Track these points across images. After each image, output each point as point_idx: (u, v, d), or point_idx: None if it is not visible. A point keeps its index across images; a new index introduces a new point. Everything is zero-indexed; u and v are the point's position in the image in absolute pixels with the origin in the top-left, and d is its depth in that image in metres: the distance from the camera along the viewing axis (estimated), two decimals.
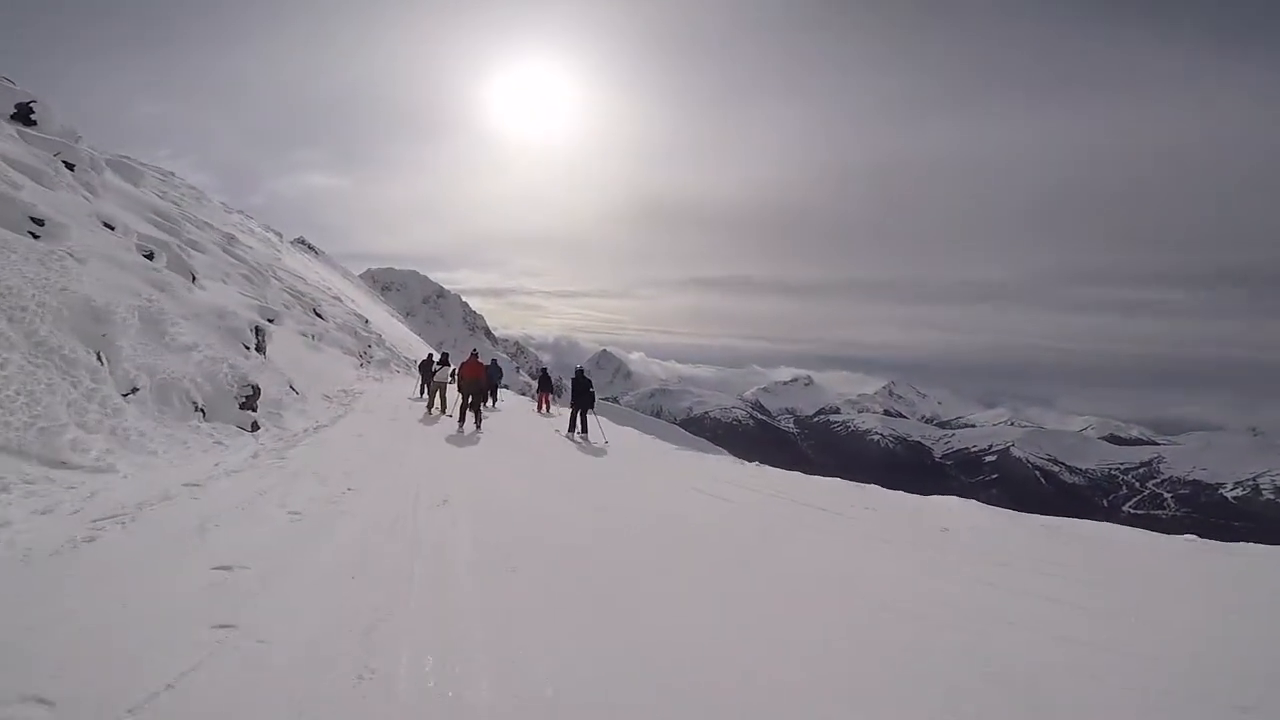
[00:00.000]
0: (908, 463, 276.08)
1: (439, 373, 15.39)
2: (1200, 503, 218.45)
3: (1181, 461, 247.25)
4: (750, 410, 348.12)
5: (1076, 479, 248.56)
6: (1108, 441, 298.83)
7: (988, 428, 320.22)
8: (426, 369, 17.17)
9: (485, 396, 15.05)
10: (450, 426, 13.25)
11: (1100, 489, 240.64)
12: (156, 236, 13.89)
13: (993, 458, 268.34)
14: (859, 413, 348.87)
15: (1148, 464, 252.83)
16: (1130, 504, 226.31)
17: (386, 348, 35.95)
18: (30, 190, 10.75)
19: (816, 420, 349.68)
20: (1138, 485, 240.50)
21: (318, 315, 23.39)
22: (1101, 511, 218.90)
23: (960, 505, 9.25)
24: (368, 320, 41.47)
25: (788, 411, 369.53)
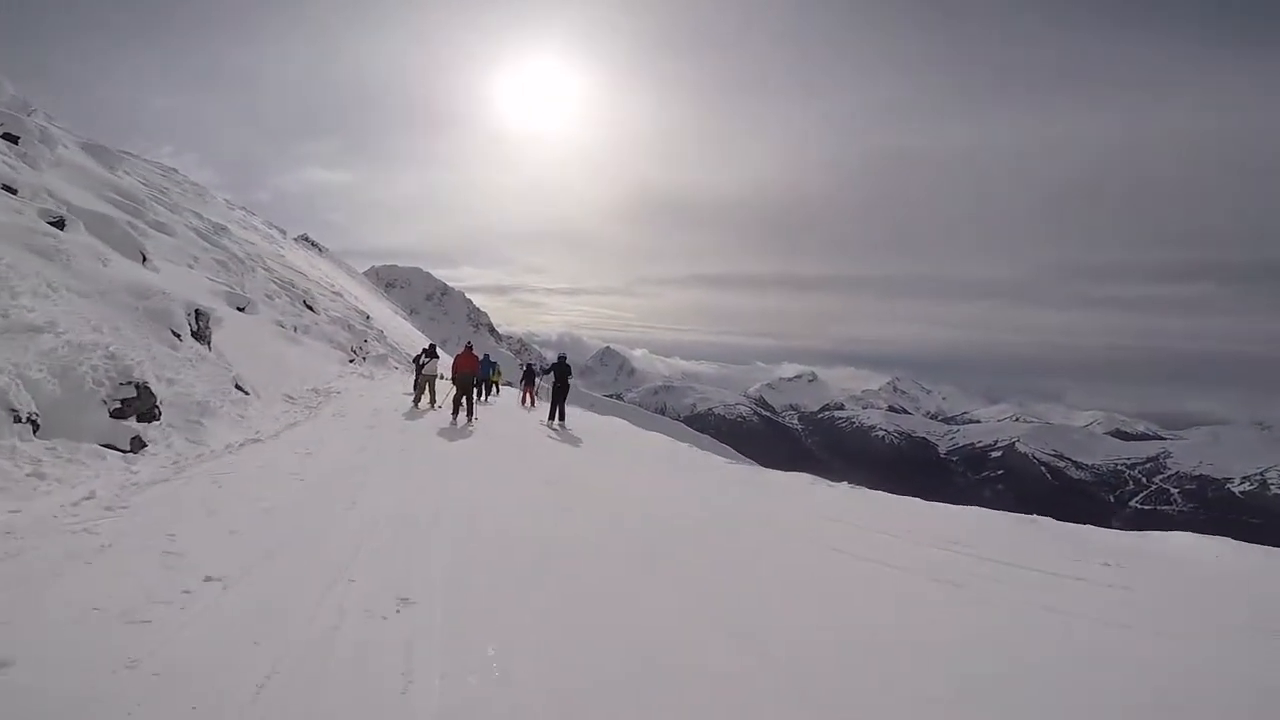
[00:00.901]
0: (912, 459, 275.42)
1: (427, 365, 14.97)
2: (1207, 498, 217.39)
3: (1188, 456, 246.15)
4: (754, 407, 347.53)
5: (1083, 474, 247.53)
6: (1114, 437, 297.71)
7: (993, 423, 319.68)
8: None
9: (480, 389, 14.94)
10: (434, 431, 11.71)
11: (1106, 484, 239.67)
12: (100, 211, 13.01)
13: (998, 453, 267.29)
14: (863, 409, 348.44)
15: (1154, 459, 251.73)
16: (1137, 499, 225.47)
17: (388, 343, 35.66)
18: None
19: (821, 417, 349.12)
20: (1144, 480, 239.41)
21: (308, 307, 22.95)
22: (1107, 507, 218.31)
23: (1196, 542, 6.91)
24: (369, 316, 41.16)
25: (792, 408, 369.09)
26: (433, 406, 14.38)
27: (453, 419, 12.85)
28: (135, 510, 5.07)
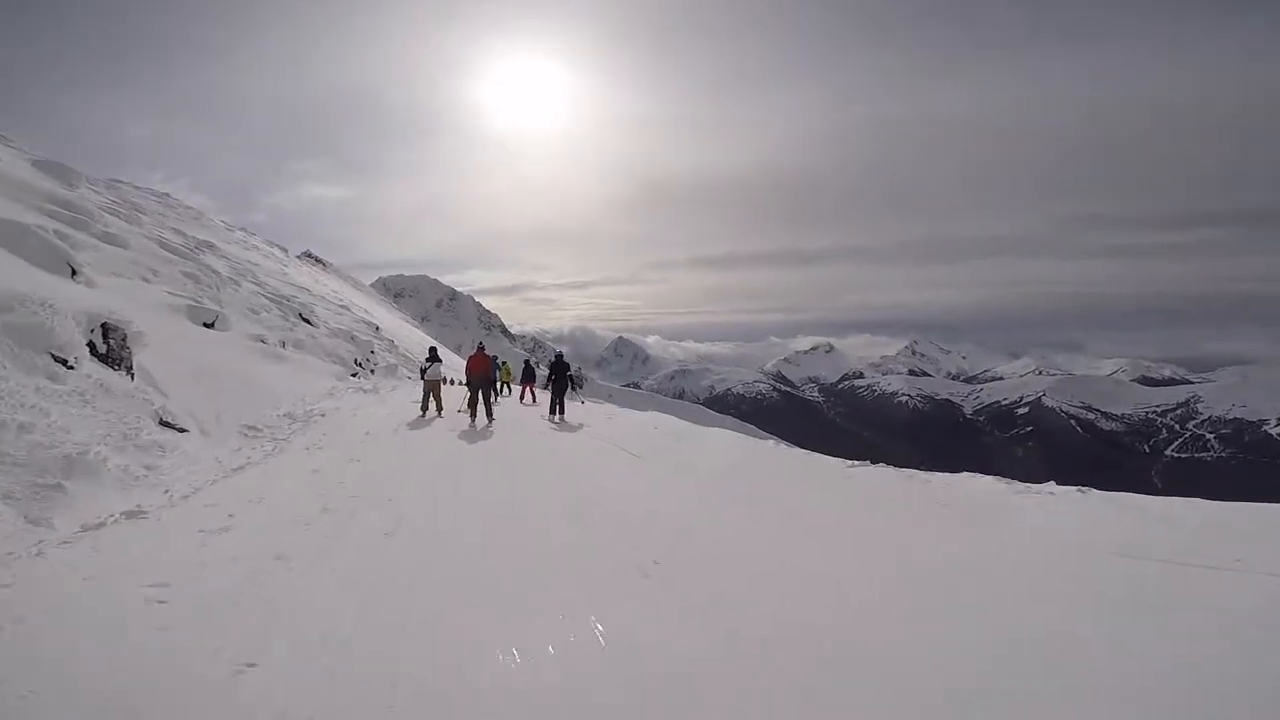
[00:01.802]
0: (938, 422, 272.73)
1: (429, 370, 14.16)
2: (1245, 442, 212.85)
3: (1220, 399, 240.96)
4: (773, 383, 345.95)
5: (1114, 425, 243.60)
6: (1140, 384, 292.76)
7: (1016, 379, 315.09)
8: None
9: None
10: (436, 458, 9.40)
11: (1139, 434, 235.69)
12: (19, 221, 11.56)
13: (1025, 410, 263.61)
14: (883, 375, 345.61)
15: (1184, 404, 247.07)
16: (1172, 448, 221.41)
17: (400, 353, 35.33)
18: None
19: (841, 387, 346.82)
20: (1177, 428, 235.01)
21: (305, 321, 22.46)
22: (1144, 457, 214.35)
23: None
24: (378, 327, 40.86)
25: (811, 380, 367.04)
26: (439, 414, 13.70)
27: (471, 422, 12.74)
28: None
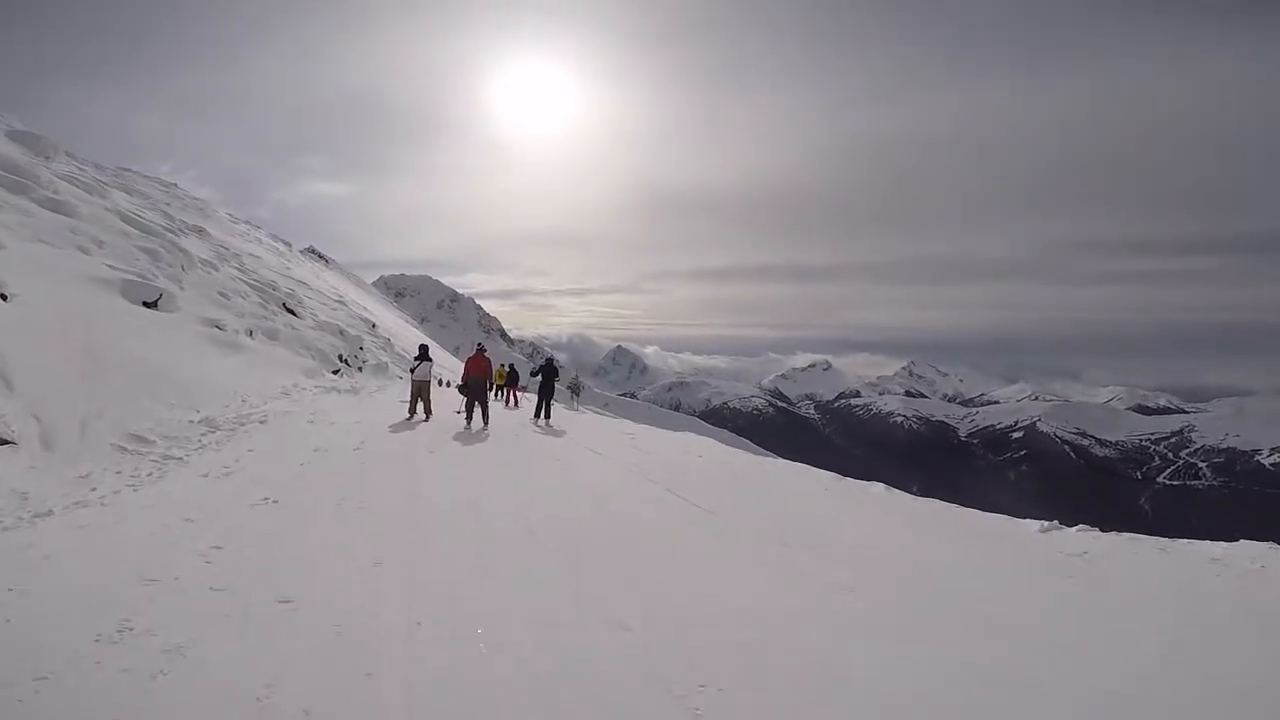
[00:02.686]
0: (933, 443, 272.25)
1: (419, 369, 13.26)
2: (1237, 471, 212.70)
3: (1213, 429, 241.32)
4: (770, 398, 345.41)
5: (1108, 452, 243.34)
6: (1136, 412, 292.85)
7: (1012, 403, 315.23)
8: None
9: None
10: (397, 501, 6.36)
11: (1133, 461, 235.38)
12: None
13: (1019, 434, 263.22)
14: (880, 395, 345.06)
15: (1179, 433, 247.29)
16: (1164, 475, 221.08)
17: (395, 352, 34.74)
18: None
19: (838, 405, 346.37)
20: (1170, 456, 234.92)
21: (289, 311, 21.97)
22: (1136, 484, 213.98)
23: None
24: (374, 324, 40.28)
25: (808, 397, 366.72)
26: (427, 419, 12.86)
27: (466, 424, 12.37)
28: None
